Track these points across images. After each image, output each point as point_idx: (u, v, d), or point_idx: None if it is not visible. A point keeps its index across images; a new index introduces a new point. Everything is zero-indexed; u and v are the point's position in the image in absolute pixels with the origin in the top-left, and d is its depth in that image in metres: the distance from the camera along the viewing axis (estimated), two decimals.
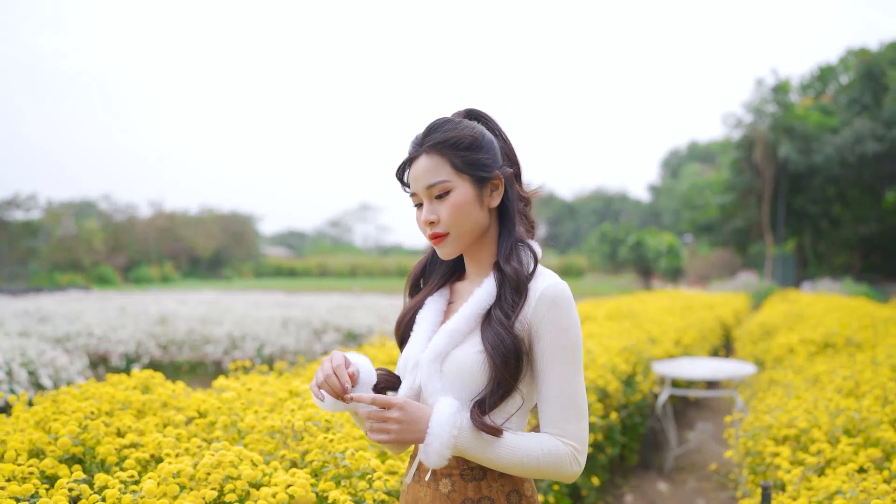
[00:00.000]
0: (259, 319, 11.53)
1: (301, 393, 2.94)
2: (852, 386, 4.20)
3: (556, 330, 1.54)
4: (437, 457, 1.49)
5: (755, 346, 8.03)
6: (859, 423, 3.28)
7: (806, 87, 33.30)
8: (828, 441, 3.19)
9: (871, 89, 28.35)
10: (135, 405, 2.80)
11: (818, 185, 29.86)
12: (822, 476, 2.87)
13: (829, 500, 2.56)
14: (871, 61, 28.54)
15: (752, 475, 3.30)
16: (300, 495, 1.98)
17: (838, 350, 6.43)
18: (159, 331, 10.66)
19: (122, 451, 2.34)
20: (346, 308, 14.32)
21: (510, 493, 1.58)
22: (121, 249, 45.77)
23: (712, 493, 5.62)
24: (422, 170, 1.61)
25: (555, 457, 1.52)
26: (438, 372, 1.58)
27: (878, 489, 2.26)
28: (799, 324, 8.33)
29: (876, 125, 26.65)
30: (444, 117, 1.66)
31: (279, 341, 10.18)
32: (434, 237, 1.62)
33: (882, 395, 3.78)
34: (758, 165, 29.69)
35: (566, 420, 1.54)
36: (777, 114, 29.37)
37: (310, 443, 2.40)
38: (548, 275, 1.60)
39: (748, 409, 5.28)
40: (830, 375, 4.72)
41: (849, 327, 7.21)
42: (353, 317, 12.37)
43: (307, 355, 9.91)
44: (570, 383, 1.54)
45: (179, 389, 2.97)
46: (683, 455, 6.56)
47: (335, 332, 11.41)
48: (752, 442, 3.39)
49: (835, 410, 3.44)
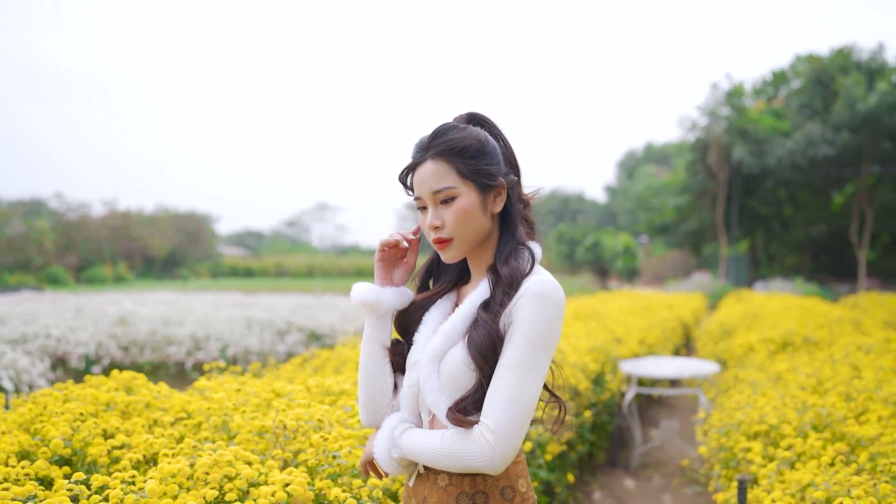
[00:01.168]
0: (222, 320, 11.44)
1: (286, 393, 2.96)
2: (815, 383, 4.34)
3: (525, 319, 1.54)
4: (387, 468, 1.70)
5: (716, 345, 8.22)
6: (826, 418, 3.41)
7: (758, 91, 33.98)
8: (797, 436, 3.31)
9: (821, 94, 29.04)
10: (119, 406, 2.79)
11: (770, 188, 30.53)
12: (793, 470, 2.98)
13: (802, 492, 2.67)
14: (820, 67, 29.24)
15: (726, 470, 3.40)
16: (299, 493, 2.01)
17: (797, 349, 6.62)
18: (119, 332, 10.50)
19: (113, 452, 2.34)
20: (307, 308, 14.28)
21: (504, 488, 1.62)
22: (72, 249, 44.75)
23: (678, 489, 5.75)
24: (427, 175, 1.65)
25: (457, 440, 1.55)
26: (436, 371, 1.63)
27: (852, 481, 2.36)
28: (757, 323, 8.54)
29: (826, 129, 27.32)
30: (449, 123, 1.70)
31: (243, 342, 10.11)
32: (438, 242, 1.66)
33: (845, 391, 3.93)
34: (712, 168, 30.23)
35: (493, 406, 1.52)
36: (731, 117, 29.93)
37: (302, 442, 2.43)
38: (542, 274, 1.63)
39: (714, 407, 5.42)
40: (793, 373, 4.86)
41: (805, 327, 7.42)
42: (315, 317, 12.35)
43: (271, 356, 9.87)
44: (518, 374, 1.52)
45: (165, 391, 2.97)
46: (648, 452, 6.69)
47: (298, 332, 11.37)
48: (724, 438, 3.49)
49: (802, 407, 3.56)
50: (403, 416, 1.72)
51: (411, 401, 1.71)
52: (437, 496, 1.64)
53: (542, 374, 1.55)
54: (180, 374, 9.88)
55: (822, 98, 28.82)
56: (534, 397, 1.53)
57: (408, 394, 1.71)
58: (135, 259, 48.55)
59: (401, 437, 1.67)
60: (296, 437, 2.41)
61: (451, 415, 1.58)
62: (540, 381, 1.55)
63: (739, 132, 29.34)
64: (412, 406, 1.72)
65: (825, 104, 28.67)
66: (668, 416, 7.96)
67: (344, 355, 5.11)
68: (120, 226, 47.75)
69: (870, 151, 27.29)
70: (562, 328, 1.64)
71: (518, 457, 1.66)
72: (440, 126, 1.68)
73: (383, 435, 1.71)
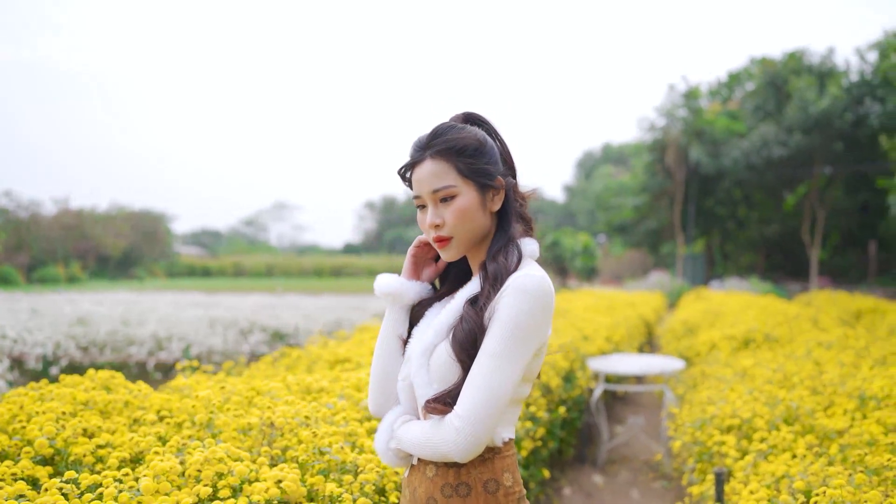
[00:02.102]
0: (185, 320, 11.30)
1: (268, 391, 2.95)
2: (782, 378, 4.45)
3: (503, 312, 1.56)
4: (385, 459, 1.74)
5: (679, 342, 8.35)
6: (795, 412, 3.50)
7: (714, 93, 34.58)
8: (768, 429, 3.40)
9: (774, 96, 29.65)
10: (98, 406, 2.75)
11: (726, 188, 31.09)
12: (766, 462, 3.05)
13: (777, 484, 2.74)
14: (773, 70, 29.87)
15: (700, 463, 3.47)
16: (292, 490, 2.01)
17: (759, 345, 6.77)
18: (79, 332, 10.31)
19: (97, 451, 2.31)
20: (270, 308, 14.20)
21: (488, 481, 1.63)
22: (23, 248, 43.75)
23: (644, 484, 5.84)
24: (427, 174, 1.66)
25: (431, 428, 1.59)
26: (426, 365, 1.66)
27: (828, 471, 2.43)
28: (719, 321, 8.70)
29: (779, 131, 27.91)
30: (447, 122, 1.72)
31: (206, 342, 10.00)
32: (438, 240, 1.68)
33: (811, 385, 4.03)
34: (670, 168, 30.68)
35: (464, 394, 1.54)
36: (688, 118, 30.42)
37: (289, 439, 2.43)
38: (529, 270, 1.63)
39: (682, 402, 5.51)
40: (759, 369, 4.97)
41: (766, 324, 7.59)
42: (279, 316, 12.27)
43: (234, 356, 9.78)
44: (490, 364, 1.54)
45: (146, 390, 2.93)
46: (614, 448, 6.78)
47: (262, 331, 11.28)
48: (699, 432, 3.56)
49: (773, 401, 3.65)
50: (404, 408, 1.74)
51: (407, 394, 1.74)
52: (425, 486, 1.66)
53: (517, 365, 1.55)
54: (142, 374, 9.73)
55: (776, 100, 29.44)
56: (505, 387, 1.54)
57: (403, 387, 1.74)
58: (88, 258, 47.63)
59: (399, 430, 1.70)
60: (283, 434, 2.40)
61: (428, 405, 1.61)
62: (514, 372, 1.55)
63: (696, 133, 29.84)
64: (409, 399, 1.74)
65: (778, 106, 29.29)
66: (632, 412, 8.07)
67: (315, 354, 5.09)
68: (72, 224, 46.81)
69: (821, 153, 27.94)
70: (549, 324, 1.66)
71: (506, 451, 1.67)
72: (439, 125, 1.70)
73: (384, 427, 1.74)
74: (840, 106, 26.71)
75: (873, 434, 3.03)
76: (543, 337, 1.62)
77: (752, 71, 32.62)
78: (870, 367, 4.61)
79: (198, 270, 53.05)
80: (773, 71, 29.81)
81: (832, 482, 2.26)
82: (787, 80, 29.02)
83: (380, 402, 1.80)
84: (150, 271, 49.50)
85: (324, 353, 5.07)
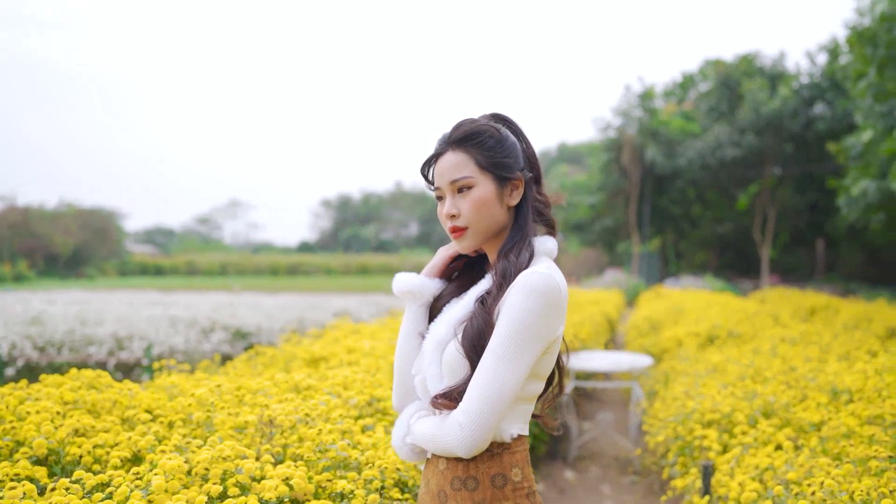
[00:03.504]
0: (143, 319, 11.11)
1: (260, 388, 2.92)
2: (754, 373, 4.55)
3: (509, 310, 1.57)
4: (401, 453, 1.76)
5: (644, 339, 8.48)
6: (772, 405, 3.58)
7: (669, 93, 35.11)
8: (748, 423, 3.48)
9: (727, 98, 30.25)
10: (87, 405, 2.70)
11: (680, 187, 31.62)
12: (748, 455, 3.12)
13: (761, 475, 2.80)
14: (726, 72, 30.48)
15: (682, 457, 3.53)
16: (301, 487, 2.00)
17: (723, 342, 6.90)
18: (34, 332, 10.06)
19: (95, 450, 2.27)
20: (229, 306, 14.05)
21: (495, 475, 1.65)
22: None
23: (615, 479, 5.92)
24: (447, 165, 1.69)
25: (437, 424, 1.62)
26: (438, 360, 1.68)
27: (819, 462, 2.50)
28: (682, 318, 8.86)
29: (732, 132, 28.48)
30: (471, 118, 1.74)
31: (168, 341, 9.84)
32: (454, 230, 1.69)
33: (784, 380, 4.13)
34: (626, 167, 31.08)
35: (470, 392, 1.56)
36: (643, 119, 30.86)
37: (287, 437, 2.41)
38: (539, 267, 1.64)
39: (654, 398, 5.60)
40: (730, 364, 5.08)
41: (728, 321, 7.74)
42: (239, 315, 12.15)
43: (196, 355, 9.65)
44: (494, 362, 1.55)
45: (137, 389, 2.89)
46: (584, 444, 6.85)
47: (223, 330, 11.15)
48: (681, 427, 3.63)
49: (750, 395, 3.73)
50: (422, 403, 1.76)
51: (422, 388, 1.75)
52: (437, 479, 1.69)
53: (522, 363, 1.56)
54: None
55: (729, 101, 30.04)
56: (509, 385, 1.55)
57: (418, 382, 1.75)
58: (36, 257, 46.51)
59: (414, 425, 1.71)
60: (283, 432, 2.39)
61: (434, 400, 1.64)
62: (518, 370, 1.56)
63: (651, 133, 30.28)
64: (425, 393, 1.76)
65: (731, 107, 29.88)
66: (600, 409, 8.17)
67: (290, 352, 5.06)
68: (19, 222, 45.66)
69: (772, 153, 28.60)
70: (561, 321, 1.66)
71: (516, 447, 1.68)
72: (462, 120, 1.73)
73: (401, 422, 1.75)
74: (790, 108, 27.38)
75: (850, 426, 3.12)
76: (553, 334, 1.62)
77: (705, 72, 33.21)
78: (835, 361, 4.75)
79: (150, 269, 52.16)
80: (725, 73, 30.41)
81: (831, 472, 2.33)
82: (740, 81, 29.64)
83: (402, 397, 1.81)
84: (100, 270, 48.53)
85: (299, 351, 5.04)
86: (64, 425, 2.28)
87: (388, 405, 3.09)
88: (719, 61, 31.56)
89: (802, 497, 2.22)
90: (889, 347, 5.64)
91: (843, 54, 21.79)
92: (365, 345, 4.95)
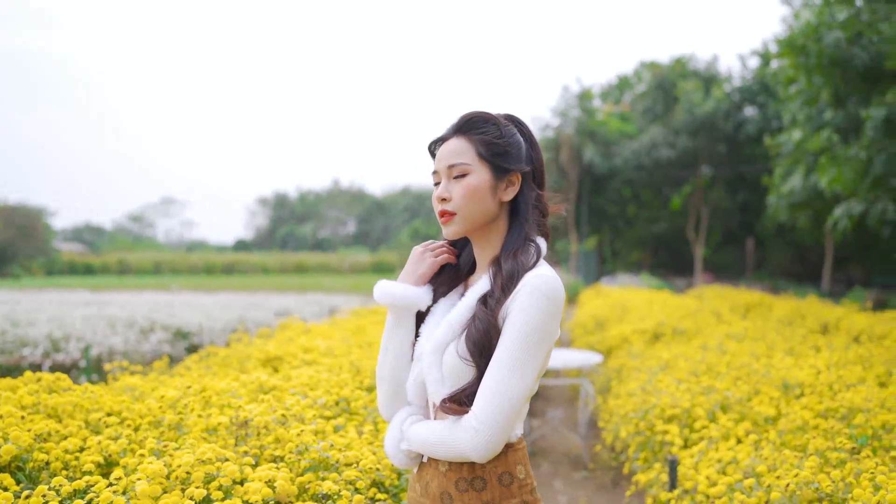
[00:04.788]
0: (80, 319, 10.78)
1: (229, 390, 2.86)
2: (706, 369, 4.65)
3: (520, 314, 1.57)
4: (395, 460, 1.73)
5: (591, 336, 8.59)
6: (729, 400, 3.67)
7: (605, 94, 35.72)
8: (707, 418, 3.55)
9: (662, 99, 30.95)
10: (48, 409, 2.61)
11: (617, 187, 32.20)
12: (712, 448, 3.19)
13: (723, 469, 2.87)
14: (662, 74, 31.18)
15: (644, 452, 3.59)
16: (284, 489, 1.97)
17: (669, 339, 7.05)
18: None
19: (64, 455, 2.19)
20: (168, 306, 13.78)
21: (502, 474, 1.65)
22: None
23: (566, 474, 5.99)
24: (448, 150, 1.70)
25: (448, 429, 1.60)
26: (438, 363, 1.66)
27: (785, 455, 2.57)
28: (627, 316, 9.01)
29: (667, 133, 29.15)
30: (484, 111, 1.74)
31: (106, 342, 9.57)
32: (442, 214, 1.70)
33: (736, 375, 4.24)
34: (564, 167, 31.48)
35: (482, 397, 1.56)
36: (581, 119, 31.31)
37: (262, 438, 2.37)
38: (543, 269, 1.65)
39: (607, 395, 5.68)
40: (678, 361, 5.19)
41: (672, 318, 7.91)
42: (178, 315, 11.91)
43: (136, 356, 9.42)
44: (508, 367, 1.55)
45: (101, 392, 2.79)
46: (534, 441, 6.92)
47: (163, 330, 10.91)
48: (642, 422, 3.69)
49: (708, 391, 3.82)
50: (413, 409, 1.75)
51: (418, 393, 1.74)
52: (438, 481, 1.67)
53: (533, 368, 1.58)
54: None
55: (664, 103, 30.72)
56: (522, 390, 1.56)
57: (413, 386, 1.74)
58: None
59: (409, 430, 1.70)
60: (258, 434, 2.34)
61: (444, 405, 1.62)
62: (531, 374, 1.57)
63: (589, 133, 30.74)
64: (419, 398, 1.74)
65: (666, 109, 30.56)
66: (546, 406, 8.25)
67: (244, 352, 4.99)
68: None
69: (705, 154, 29.36)
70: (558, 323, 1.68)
71: (518, 444, 1.69)
72: (474, 111, 1.74)
73: (393, 428, 1.74)
74: (723, 110, 28.15)
75: (805, 419, 3.22)
76: (555, 336, 1.64)
77: (641, 74, 33.87)
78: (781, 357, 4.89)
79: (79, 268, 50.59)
80: (661, 75, 31.09)
81: (795, 464, 2.40)
82: (675, 83, 30.33)
83: (391, 404, 1.79)
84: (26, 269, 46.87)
85: (253, 351, 4.97)
86: (29, 430, 2.19)
87: (356, 405, 3.06)
88: (654, 63, 32.24)
89: (775, 489, 2.28)
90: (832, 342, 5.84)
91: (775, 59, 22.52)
92: (321, 344, 4.90)
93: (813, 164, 16.02)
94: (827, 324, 9.13)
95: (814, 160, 15.94)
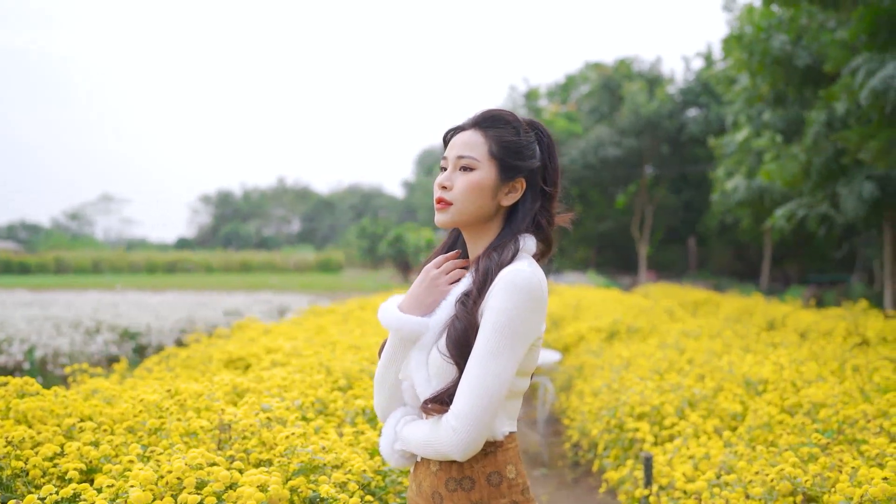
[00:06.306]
0: (22, 319, 10.45)
1: (205, 393, 2.81)
2: (666, 366, 4.74)
3: (493, 309, 1.58)
4: (390, 460, 1.75)
5: (547, 334, 8.66)
6: (696, 397, 3.75)
7: (552, 94, 36.04)
8: (676, 415, 3.62)
9: (608, 100, 31.39)
10: (18, 414, 2.52)
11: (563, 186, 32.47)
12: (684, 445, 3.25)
13: (696, 464, 2.93)
14: (607, 75, 31.62)
15: (615, 449, 3.64)
16: (277, 493, 1.94)
17: (626, 336, 7.15)
18: None
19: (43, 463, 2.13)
20: (113, 306, 13.49)
21: (491, 474, 1.66)
22: None
23: (525, 472, 6.03)
24: (461, 141, 1.72)
25: (430, 428, 1.62)
26: (424, 364, 1.67)
27: (761, 451, 2.64)
28: (582, 314, 9.11)
29: (613, 132, 29.57)
30: (508, 111, 1.75)
31: (51, 343, 9.29)
32: (439, 201, 1.70)
33: (701, 372, 4.33)
34: None
35: (460, 394, 1.56)
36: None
37: (246, 442, 2.34)
38: (520, 264, 1.65)
39: (569, 392, 5.73)
40: (637, 359, 5.27)
41: (627, 316, 8.03)
42: (125, 315, 11.66)
43: (81, 357, 9.17)
44: (483, 362, 1.55)
45: (74, 396, 2.71)
46: None
47: (110, 331, 10.66)
48: (614, 420, 3.73)
49: (676, 388, 3.89)
50: (407, 409, 1.75)
51: (410, 393, 1.74)
52: (430, 480, 1.68)
53: (510, 361, 1.57)
54: None
55: (610, 103, 31.16)
56: (499, 385, 1.56)
57: (406, 386, 1.73)
58: None
59: (402, 431, 1.70)
60: (243, 437, 2.31)
61: (425, 405, 1.63)
62: (507, 369, 1.57)
63: None
64: (415, 398, 1.74)
65: (612, 109, 31.01)
66: None
67: (206, 353, 4.91)
68: None
69: (649, 154, 29.89)
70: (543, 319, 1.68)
71: (508, 444, 1.70)
72: (498, 108, 1.75)
73: (387, 429, 1.74)
74: (666, 110, 28.69)
75: (771, 415, 3.30)
76: (537, 331, 1.64)
77: (587, 75, 34.26)
78: (739, 354, 5.01)
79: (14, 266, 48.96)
80: (607, 75, 31.51)
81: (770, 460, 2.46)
82: (620, 84, 30.78)
83: (386, 406, 1.80)
84: None
85: (215, 352, 4.90)
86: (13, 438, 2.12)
87: (336, 407, 3.04)
88: (600, 64, 32.66)
89: (756, 485, 2.34)
90: (785, 339, 6.00)
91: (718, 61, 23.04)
92: (285, 345, 4.85)
93: (756, 166, 16.47)
94: (774, 321, 9.38)
95: (757, 161, 16.41)
